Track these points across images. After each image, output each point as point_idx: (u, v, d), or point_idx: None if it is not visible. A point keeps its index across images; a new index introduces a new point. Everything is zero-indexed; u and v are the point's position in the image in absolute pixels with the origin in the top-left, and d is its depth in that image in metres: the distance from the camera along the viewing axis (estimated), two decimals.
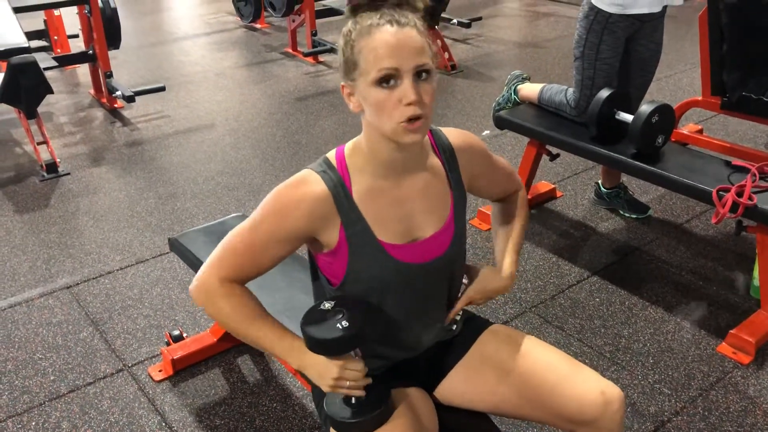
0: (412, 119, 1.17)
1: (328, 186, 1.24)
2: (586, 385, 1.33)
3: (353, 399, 1.26)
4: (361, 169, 1.28)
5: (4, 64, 3.57)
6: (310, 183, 1.25)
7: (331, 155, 1.30)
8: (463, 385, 1.45)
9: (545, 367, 1.38)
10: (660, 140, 2.54)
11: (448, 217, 1.35)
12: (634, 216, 3.09)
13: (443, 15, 5.40)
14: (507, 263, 1.49)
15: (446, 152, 1.37)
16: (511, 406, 1.42)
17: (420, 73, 1.17)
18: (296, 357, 1.26)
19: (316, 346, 1.22)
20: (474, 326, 1.51)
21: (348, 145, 1.31)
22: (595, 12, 2.59)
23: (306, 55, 5.31)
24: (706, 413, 2.06)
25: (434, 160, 1.36)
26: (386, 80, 1.16)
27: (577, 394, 1.32)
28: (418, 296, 1.36)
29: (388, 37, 1.15)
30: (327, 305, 1.25)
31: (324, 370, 1.23)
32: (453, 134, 1.41)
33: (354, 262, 1.28)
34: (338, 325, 1.20)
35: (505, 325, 1.53)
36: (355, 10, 1.20)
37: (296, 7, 5.33)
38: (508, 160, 1.53)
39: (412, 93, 1.15)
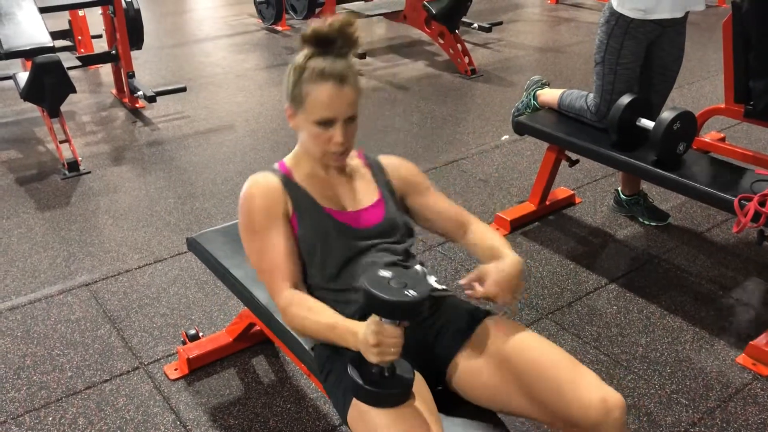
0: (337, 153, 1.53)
1: (276, 176, 1.58)
2: (588, 392, 1.35)
3: (378, 372, 1.30)
4: (300, 166, 1.61)
5: (29, 63, 3.62)
6: (260, 179, 1.57)
7: (274, 166, 1.63)
8: (467, 374, 1.48)
9: (548, 370, 1.40)
10: (681, 148, 2.52)
11: (377, 199, 1.63)
12: (653, 224, 3.06)
13: (464, 19, 5.39)
14: (506, 252, 1.55)
15: (374, 165, 1.70)
16: (513, 405, 1.44)
17: (349, 119, 1.50)
18: (351, 339, 1.35)
19: (385, 307, 1.25)
20: (473, 314, 1.55)
21: (287, 158, 1.65)
22: (616, 17, 2.58)
23: None
24: (725, 425, 2.03)
25: (361, 168, 1.67)
26: (324, 124, 1.49)
27: (579, 400, 1.34)
28: (368, 254, 1.55)
29: (332, 93, 1.46)
30: (385, 273, 1.30)
31: (370, 340, 1.27)
32: (384, 157, 1.74)
33: (303, 222, 1.55)
34: (406, 292, 1.25)
35: (503, 318, 1.56)
36: (306, 41, 1.51)
37: (317, 10, 5.35)
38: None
39: (340, 137, 1.49)
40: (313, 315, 1.45)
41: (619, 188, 3.14)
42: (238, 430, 2.04)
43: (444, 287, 1.60)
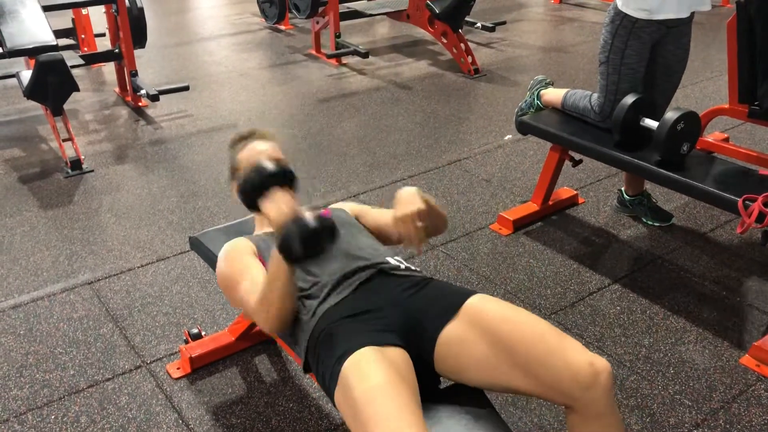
0: None
1: (245, 236, 1.86)
2: (576, 357, 1.41)
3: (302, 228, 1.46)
4: (258, 229, 1.94)
5: (33, 62, 3.62)
6: (228, 242, 1.83)
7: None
8: (455, 346, 1.51)
9: (534, 338, 1.45)
10: (685, 148, 2.51)
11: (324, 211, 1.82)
12: (657, 224, 3.05)
13: (467, 19, 5.38)
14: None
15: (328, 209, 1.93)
16: (501, 377, 1.47)
17: None
18: (275, 255, 1.51)
19: (251, 177, 1.62)
20: (459, 293, 1.59)
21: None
22: (621, 17, 2.57)
23: (329, 57, 5.33)
24: (728, 426, 2.02)
25: None
26: None
27: (568, 366, 1.40)
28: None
29: (257, 146, 1.85)
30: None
31: (275, 215, 1.54)
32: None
33: (266, 256, 1.69)
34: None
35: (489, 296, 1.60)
36: (234, 144, 1.91)
37: (320, 9, 5.35)
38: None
39: None
40: (261, 287, 1.59)
41: (623, 188, 3.14)
42: (240, 429, 2.04)
43: (416, 269, 1.75)
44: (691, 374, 2.22)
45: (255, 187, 1.61)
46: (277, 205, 1.55)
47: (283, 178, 1.65)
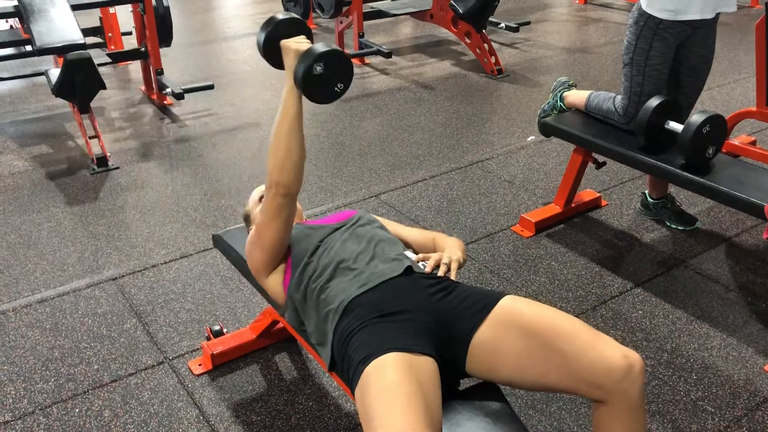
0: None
1: None
2: (610, 350, 1.45)
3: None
4: None
5: (61, 60, 3.68)
6: None
7: None
8: (489, 345, 1.53)
9: (570, 333, 1.48)
10: (711, 151, 2.49)
11: (350, 211, 1.98)
12: (680, 228, 3.02)
13: (491, 19, 5.36)
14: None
15: None
16: (536, 372, 1.49)
17: None
18: (288, 84, 1.73)
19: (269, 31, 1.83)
20: (491, 294, 1.62)
21: None
22: (645, 18, 2.55)
23: (352, 56, 5.34)
24: None
25: None
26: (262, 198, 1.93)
27: (604, 358, 1.43)
28: (353, 240, 1.77)
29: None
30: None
31: (294, 46, 1.75)
32: None
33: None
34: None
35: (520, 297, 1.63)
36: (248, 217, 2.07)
37: (344, 9, 5.36)
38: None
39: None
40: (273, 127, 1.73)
41: (647, 191, 3.11)
42: (260, 427, 2.05)
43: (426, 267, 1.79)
44: (714, 380, 2.20)
45: (275, 34, 1.82)
46: (296, 40, 1.77)
47: (297, 26, 1.86)
